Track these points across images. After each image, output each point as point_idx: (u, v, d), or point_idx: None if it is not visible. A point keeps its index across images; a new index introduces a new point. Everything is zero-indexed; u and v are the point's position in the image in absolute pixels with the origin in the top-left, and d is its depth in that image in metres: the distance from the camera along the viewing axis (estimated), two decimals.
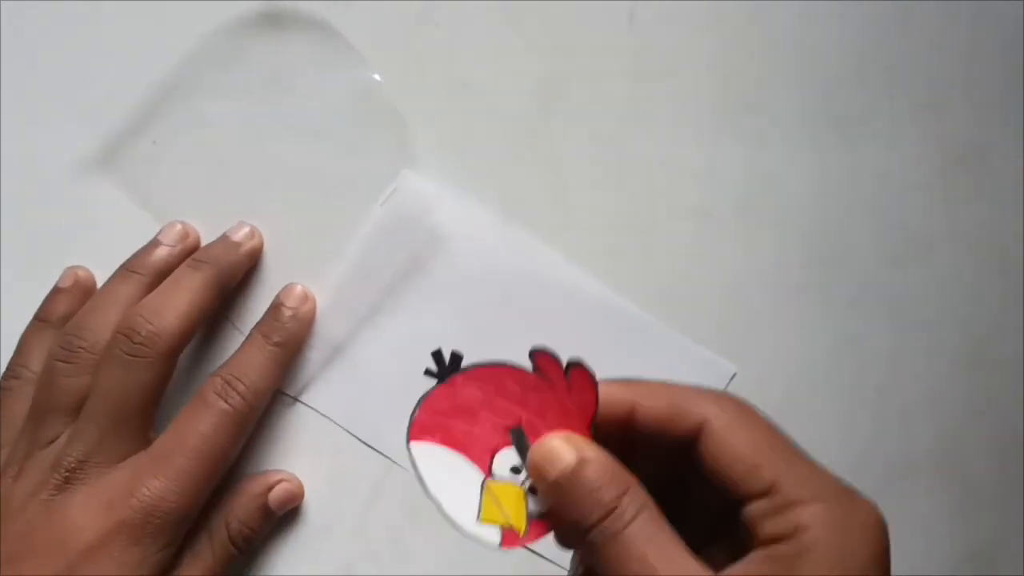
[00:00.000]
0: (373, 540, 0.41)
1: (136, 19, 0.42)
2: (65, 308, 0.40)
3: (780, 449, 0.30)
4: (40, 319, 0.40)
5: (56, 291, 0.40)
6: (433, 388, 0.31)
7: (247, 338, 0.40)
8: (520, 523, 0.31)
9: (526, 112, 0.42)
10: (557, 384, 0.31)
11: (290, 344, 0.40)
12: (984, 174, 0.44)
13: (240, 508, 0.39)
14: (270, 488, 0.40)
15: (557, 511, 0.30)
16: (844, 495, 0.29)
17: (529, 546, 0.33)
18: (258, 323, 0.40)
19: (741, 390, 0.40)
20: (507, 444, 0.31)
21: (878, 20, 0.43)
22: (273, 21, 0.41)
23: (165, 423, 0.38)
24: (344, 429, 0.41)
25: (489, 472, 0.31)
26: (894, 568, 0.34)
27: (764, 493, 0.29)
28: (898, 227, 0.44)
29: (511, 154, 0.42)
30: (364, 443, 0.41)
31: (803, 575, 0.28)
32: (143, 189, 0.41)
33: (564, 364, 0.30)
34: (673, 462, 0.30)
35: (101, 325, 0.38)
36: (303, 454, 0.41)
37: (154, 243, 0.40)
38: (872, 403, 0.43)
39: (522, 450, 0.31)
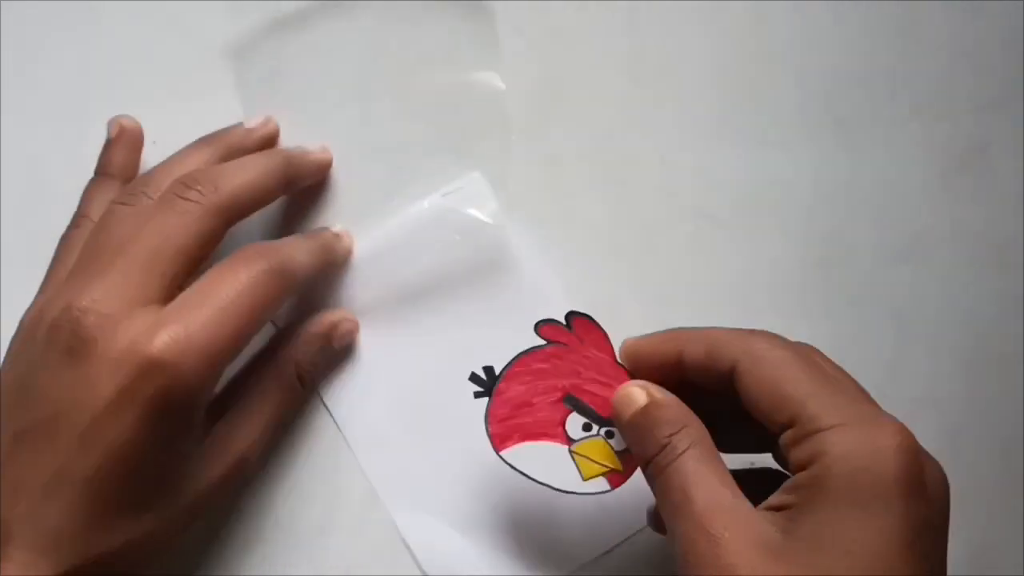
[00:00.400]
0: (373, 540, 0.41)
1: (137, 19, 0.42)
2: (122, 158, 0.40)
3: (806, 379, 0.31)
4: (99, 173, 0.40)
5: (108, 144, 0.40)
6: (488, 402, 0.37)
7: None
8: (615, 463, 0.37)
9: (526, 112, 0.42)
10: (571, 342, 0.37)
11: (329, 254, 0.40)
12: (984, 174, 0.44)
13: (308, 345, 0.39)
14: (335, 325, 0.40)
15: (632, 447, 0.35)
16: (868, 418, 0.31)
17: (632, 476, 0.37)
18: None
19: None
20: (568, 413, 0.37)
21: (878, 20, 0.44)
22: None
23: None
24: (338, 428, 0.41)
25: (568, 441, 0.37)
26: None
27: (791, 423, 0.31)
28: (898, 227, 0.44)
29: (511, 154, 0.42)
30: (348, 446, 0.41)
31: (822, 500, 0.29)
32: None
33: (565, 323, 0.37)
34: (728, 402, 0.32)
35: (163, 177, 0.37)
36: (303, 453, 0.41)
37: (235, 125, 0.40)
38: None
39: (582, 410, 0.37)
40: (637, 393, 0.34)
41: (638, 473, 0.35)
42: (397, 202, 0.42)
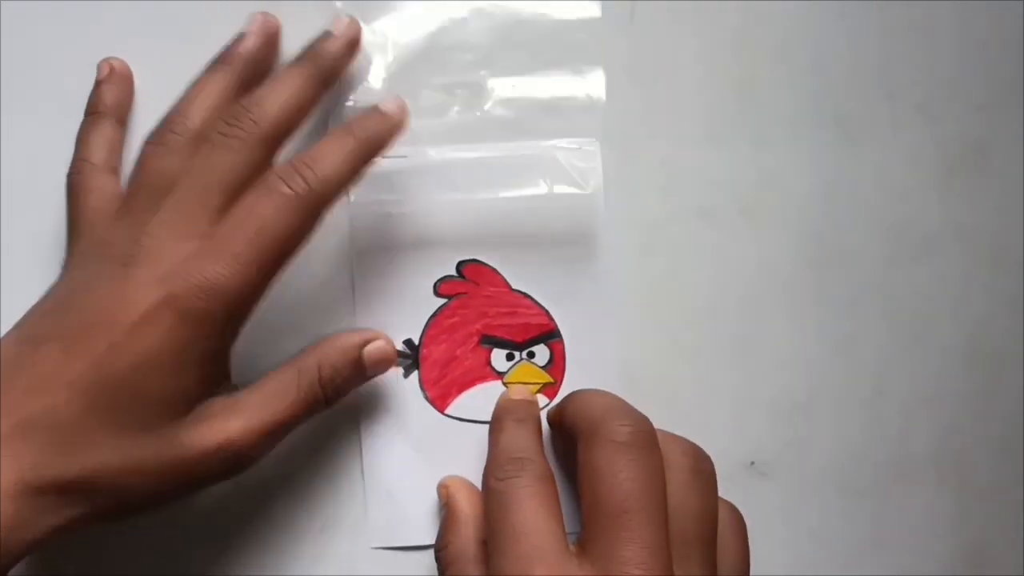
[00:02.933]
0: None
1: (137, 19, 0.42)
2: (113, 96, 0.40)
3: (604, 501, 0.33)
4: (91, 112, 0.40)
5: (98, 84, 0.41)
6: (418, 371, 0.41)
7: (328, 133, 0.39)
8: (544, 377, 0.41)
9: (525, 112, 0.42)
10: (469, 289, 0.41)
11: (372, 141, 0.37)
12: (984, 174, 0.44)
13: (335, 356, 0.38)
14: (366, 343, 0.39)
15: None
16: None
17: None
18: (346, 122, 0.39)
19: (747, 392, 0.42)
20: (489, 352, 0.41)
21: (879, 20, 0.44)
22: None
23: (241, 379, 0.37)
24: None
25: (498, 376, 0.41)
26: (892, 564, 0.34)
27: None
28: (898, 227, 0.43)
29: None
30: None
31: None
32: None
33: (458, 275, 0.41)
34: None
35: (192, 111, 0.37)
36: (303, 453, 0.41)
37: (240, 35, 0.39)
38: (871, 402, 0.43)
39: (500, 344, 0.41)
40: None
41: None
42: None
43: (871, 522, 0.42)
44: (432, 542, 0.39)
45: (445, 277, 0.41)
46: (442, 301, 0.41)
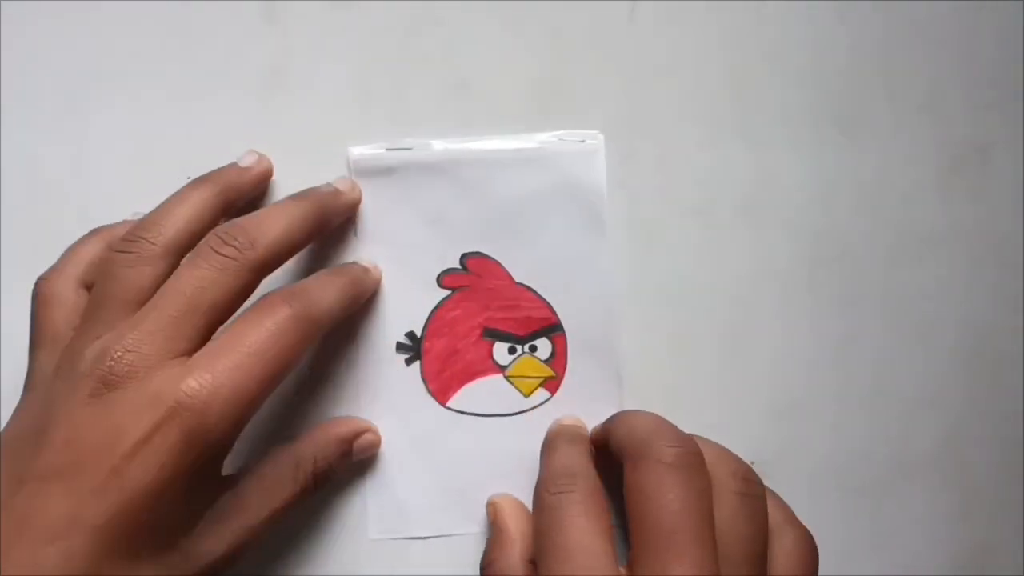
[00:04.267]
0: (373, 540, 0.41)
1: (137, 19, 0.42)
2: (110, 233, 0.39)
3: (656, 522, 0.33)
4: (93, 231, 0.39)
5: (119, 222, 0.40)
6: (420, 364, 0.41)
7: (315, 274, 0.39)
8: (546, 371, 0.41)
9: (526, 112, 0.42)
10: (471, 283, 0.41)
11: (357, 288, 0.39)
12: (984, 174, 0.44)
13: (330, 449, 0.39)
14: (356, 435, 0.40)
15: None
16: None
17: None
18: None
19: (748, 392, 0.42)
20: (491, 345, 0.41)
21: (879, 20, 0.44)
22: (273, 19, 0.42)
23: None
24: None
25: (500, 369, 0.41)
26: (895, 565, 0.34)
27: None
28: (898, 227, 0.44)
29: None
30: None
31: None
32: None
33: (461, 267, 0.41)
34: None
35: (167, 221, 0.36)
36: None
37: (232, 164, 0.40)
38: (871, 403, 0.43)
39: (502, 337, 0.41)
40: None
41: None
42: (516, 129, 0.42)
43: (871, 522, 0.42)
44: (432, 533, 0.40)
45: (449, 269, 0.41)
46: (445, 293, 0.41)
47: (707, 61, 0.43)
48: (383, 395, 0.41)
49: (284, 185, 0.41)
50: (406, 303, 0.41)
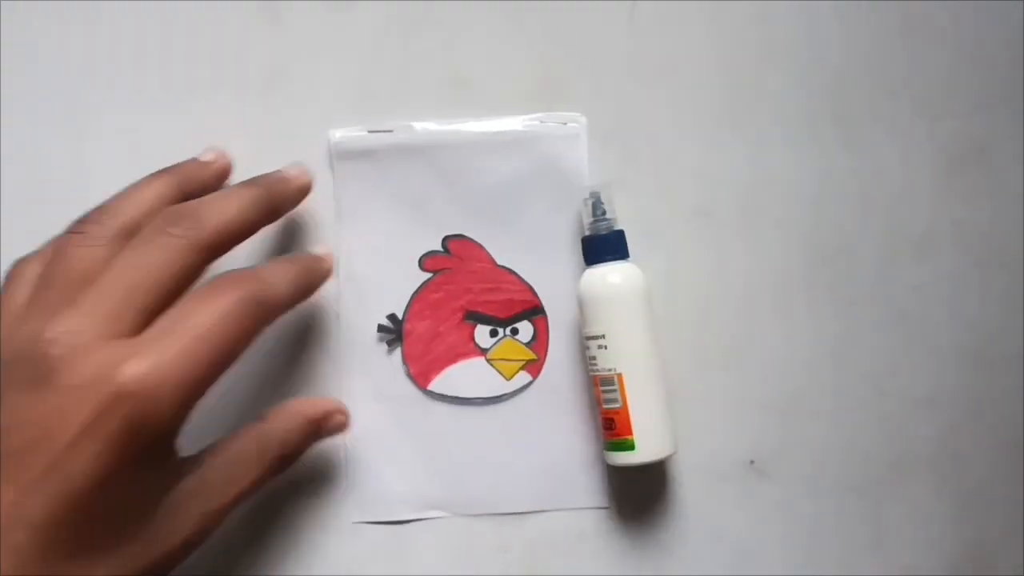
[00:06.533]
0: (373, 540, 0.41)
1: (137, 18, 0.42)
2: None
3: None
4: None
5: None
6: (401, 347, 0.41)
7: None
8: (528, 355, 0.41)
9: (525, 111, 0.43)
10: (453, 265, 0.41)
11: (311, 276, 0.38)
12: (985, 173, 0.44)
13: (296, 429, 0.37)
14: (326, 416, 0.39)
15: None
16: None
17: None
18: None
19: (745, 391, 0.42)
20: (473, 328, 0.41)
21: (880, 20, 0.44)
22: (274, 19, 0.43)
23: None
24: None
25: (481, 352, 0.41)
26: (893, 563, 0.33)
27: None
28: (899, 226, 0.43)
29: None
30: None
31: None
32: None
33: (443, 250, 0.41)
34: None
35: (124, 207, 0.35)
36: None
37: (193, 159, 0.39)
38: (873, 401, 0.43)
39: (484, 320, 0.41)
40: None
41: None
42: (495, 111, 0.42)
43: (870, 521, 0.42)
44: (413, 516, 0.41)
45: (430, 252, 0.41)
46: (427, 276, 0.41)
47: (706, 61, 0.43)
48: (363, 378, 0.41)
49: None
50: (388, 286, 0.41)
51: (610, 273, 0.39)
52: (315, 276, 0.38)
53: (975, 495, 0.43)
